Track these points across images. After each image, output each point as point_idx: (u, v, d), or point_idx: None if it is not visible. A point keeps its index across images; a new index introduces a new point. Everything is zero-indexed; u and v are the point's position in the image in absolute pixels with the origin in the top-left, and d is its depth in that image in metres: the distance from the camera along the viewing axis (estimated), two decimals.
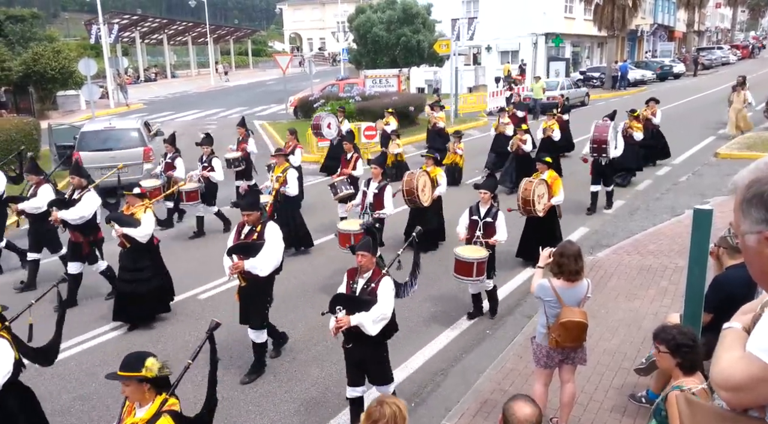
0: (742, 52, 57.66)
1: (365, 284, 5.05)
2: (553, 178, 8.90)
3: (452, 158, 14.42)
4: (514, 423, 2.98)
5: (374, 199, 8.80)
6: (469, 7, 37.16)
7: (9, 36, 33.97)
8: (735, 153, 15.69)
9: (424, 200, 9.50)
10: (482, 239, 7.30)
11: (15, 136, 17.38)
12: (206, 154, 11.58)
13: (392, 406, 3.12)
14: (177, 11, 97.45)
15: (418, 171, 9.73)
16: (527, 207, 8.55)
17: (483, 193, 7.38)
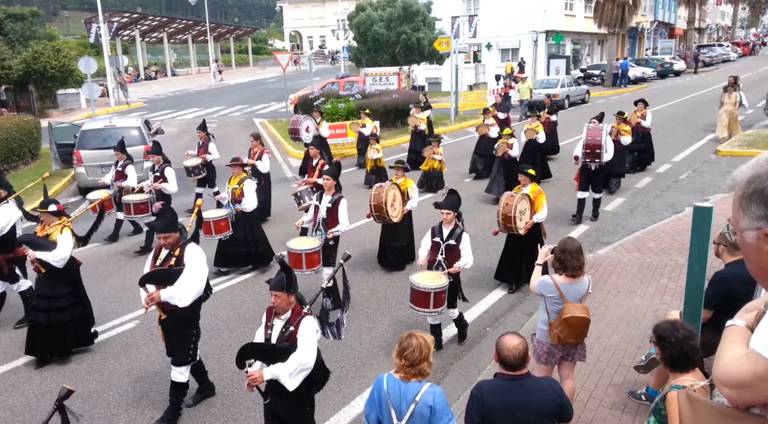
0: (742, 50, 57.64)
1: (283, 327, 4.33)
2: (536, 192, 8.08)
3: (430, 164, 13.67)
4: (504, 352, 3.60)
5: (327, 214, 7.73)
6: (469, 5, 37.10)
7: (9, 34, 34.03)
8: (735, 150, 15.68)
9: (393, 216, 8.74)
10: (444, 264, 6.51)
11: (15, 135, 17.40)
12: (158, 164, 10.54)
13: (419, 338, 3.64)
14: (177, 9, 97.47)
15: (386, 184, 8.88)
16: (508, 224, 7.80)
17: (445, 213, 6.57)
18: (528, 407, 3.54)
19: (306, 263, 7.24)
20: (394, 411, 3.59)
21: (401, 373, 3.65)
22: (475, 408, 3.57)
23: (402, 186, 9.08)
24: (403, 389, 3.61)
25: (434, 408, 3.52)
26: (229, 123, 26.32)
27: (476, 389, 3.67)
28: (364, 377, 6.30)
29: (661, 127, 19.99)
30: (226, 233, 8.91)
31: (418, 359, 3.56)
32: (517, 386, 3.59)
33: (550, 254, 5.19)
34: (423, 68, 34.53)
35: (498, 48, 38.41)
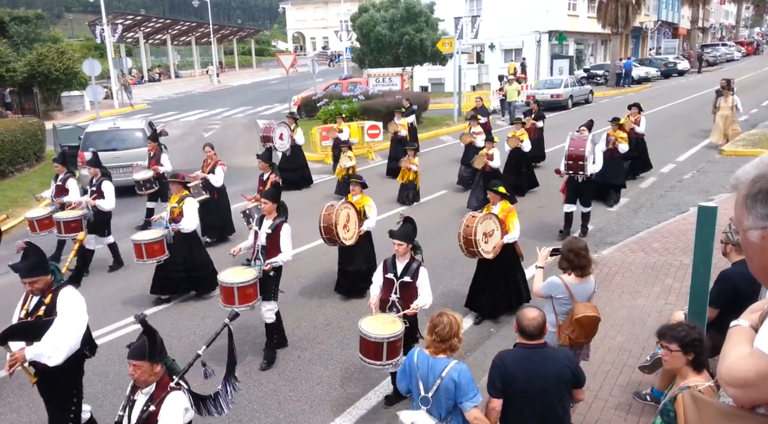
0: (746, 49, 57.49)
1: (144, 405, 3.64)
2: (506, 211, 7.31)
3: (406, 175, 12.78)
4: (524, 322, 3.91)
5: (267, 241, 6.73)
6: (472, 5, 37.08)
7: (13, 37, 34.15)
8: (740, 150, 15.63)
9: (346, 238, 7.87)
10: (398, 304, 5.57)
11: (20, 137, 17.46)
12: (95, 177, 9.60)
13: (450, 316, 3.91)
14: (180, 11, 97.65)
15: (339, 203, 7.98)
16: (470, 248, 6.95)
17: (397, 244, 5.56)
18: (546, 373, 3.86)
19: (239, 298, 6.32)
20: (422, 383, 3.89)
21: (431, 348, 3.92)
22: (498, 374, 3.86)
23: (358, 204, 8.14)
24: (431, 364, 3.88)
25: (459, 384, 3.77)
26: (232, 125, 26.36)
27: (498, 358, 3.96)
28: (369, 378, 6.30)
29: (665, 126, 19.97)
30: (160, 257, 8.07)
31: (448, 334, 3.83)
32: (536, 355, 3.91)
33: (550, 256, 5.19)
34: (426, 69, 34.54)
35: (501, 48, 38.39)
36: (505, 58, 38.14)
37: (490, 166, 11.51)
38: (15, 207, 13.85)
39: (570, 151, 9.74)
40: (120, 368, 6.73)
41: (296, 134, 14.41)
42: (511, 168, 12.72)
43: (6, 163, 16.68)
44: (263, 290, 6.59)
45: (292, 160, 14.42)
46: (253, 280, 6.42)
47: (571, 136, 9.95)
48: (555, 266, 6.85)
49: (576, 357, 4.17)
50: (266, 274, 6.61)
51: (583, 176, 9.83)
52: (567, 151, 9.78)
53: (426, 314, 7.09)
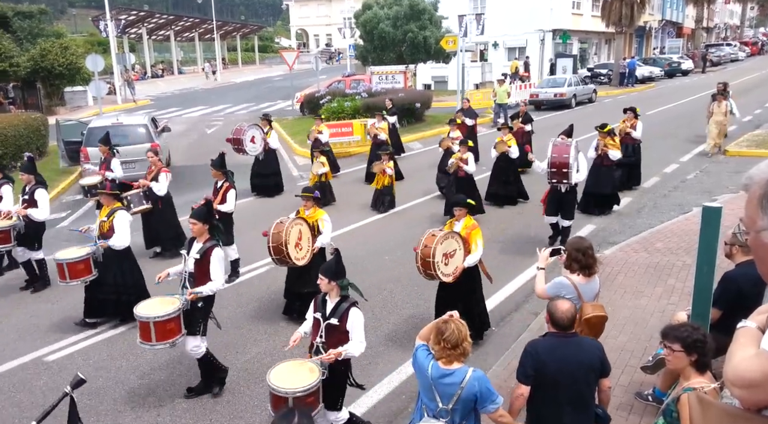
0: (751, 49, 57.24)
1: None
2: (469, 228, 6.58)
3: (381, 180, 12.04)
4: (558, 314, 3.97)
5: (195, 267, 5.83)
6: (476, 3, 36.99)
7: (17, 32, 34.15)
8: (744, 151, 15.60)
9: (298, 258, 7.08)
10: (322, 349, 4.74)
11: (23, 132, 17.49)
12: (29, 185, 8.90)
13: (456, 322, 3.80)
14: (183, 7, 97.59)
15: (289, 218, 7.20)
16: (428, 271, 6.23)
17: (320, 279, 4.76)
18: (577, 361, 3.95)
19: (157, 334, 5.52)
20: (440, 396, 3.76)
21: (444, 358, 3.74)
22: (530, 362, 3.93)
23: (311, 219, 7.43)
24: (448, 376, 3.73)
25: (479, 394, 3.70)
26: (235, 121, 26.32)
27: (530, 346, 4.04)
28: (370, 376, 6.29)
29: (669, 126, 19.93)
30: (86, 278, 7.33)
31: (459, 339, 3.72)
32: (569, 343, 4.00)
33: (550, 257, 5.18)
34: (429, 67, 34.49)
35: (505, 47, 38.32)
36: (508, 57, 38.08)
37: (464, 171, 10.86)
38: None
39: (553, 158, 8.93)
40: (120, 364, 6.74)
41: (270, 137, 13.42)
42: (497, 176, 12.16)
43: (9, 158, 16.69)
44: (188, 323, 5.77)
45: (265, 166, 13.60)
46: (175, 313, 5.56)
47: (554, 142, 9.18)
48: (554, 266, 6.85)
49: (603, 348, 4.20)
50: (193, 305, 5.76)
51: (567, 186, 9.15)
52: (550, 159, 8.97)
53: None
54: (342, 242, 9.99)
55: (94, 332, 7.54)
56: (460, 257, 6.46)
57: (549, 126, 21.26)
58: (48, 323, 7.89)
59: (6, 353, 7.12)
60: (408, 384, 6.13)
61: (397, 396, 5.98)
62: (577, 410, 4.00)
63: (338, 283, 4.78)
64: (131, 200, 9.39)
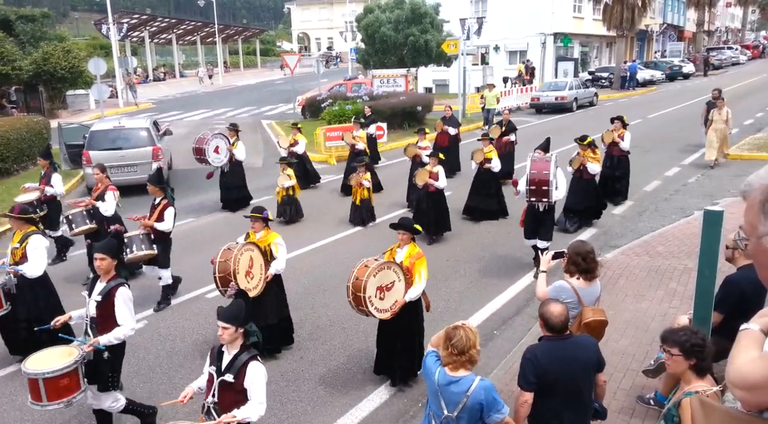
0: (752, 53, 57.29)
1: None
2: (413, 256, 5.81)
3: (358, 193, 11.33)
4: (552, 320, 3.98)
5: (98, 311, 5.00)
6: (477, 7, 37.08)
7: (20, 35, 34.24)
8: (745, 154, 15.59)
9: (251, 288, 6.32)
10: (214, 411, 4.06)
11: (25, 136, 17.52)
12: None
13: (465, 328, 3.74)
14: (185, 11, 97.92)
15: (238, 244, 6.44)
16: (360, 307, 5.55)
17: (222, 326, 4.05)
18: (577, 361, 3.99)
19: (48, 393, 4.66)
20: (445, 404, 3.73)
21: (450, 364, 3.73)
22: (531, 369, 3.92)
23: (263, 242, 6.63)
24: (454, 383, 3.71)
25: (485, 403, 3.67)
26: None
27: (529, 353, 4.02)
28: (371, 380, 6.30)
29: (670, 130, 19.93)
30: None
31: (466, 346, 3.68)
32: (566, 345, 4.04)
33: (552, 260, 5.18)
34: (431, 70, 34.56)
35: (506, 50, 38.38)
36: (510, 60, 38.14)
37: (434, 187, 10.14)
38: None
39: (532, 175, 8.25)
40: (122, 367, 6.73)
41: (236, 148, 12.62)
42: (478, 189, 11.51)
43: (11, 162, 16.74)
44: (96, 378, 5.03)
45: (231, 178, 12.85)
46: (69, 367, 4.69)
47: (532, 157, 8.45)
48: (557, 270, 6.85)
49: (597, 345, 4.26)
50: (98, 356, 4.92)
51: (546, 205, 8.48)
52: (529, 176, 8.28)
53: None
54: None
55: None
56: (400, 290, 5.68)
57: (550, 130, 21.28)
58: None
59: (8, 356, 7.13)
60: (409, 388, 6.13)
61: (399, 400, 5.98)
62: (577, 410, 4.04)
63: (247, 329, 4.12)
64: (73, 220, 8.80)
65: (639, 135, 19.73)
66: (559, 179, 8.58)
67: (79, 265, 9.62)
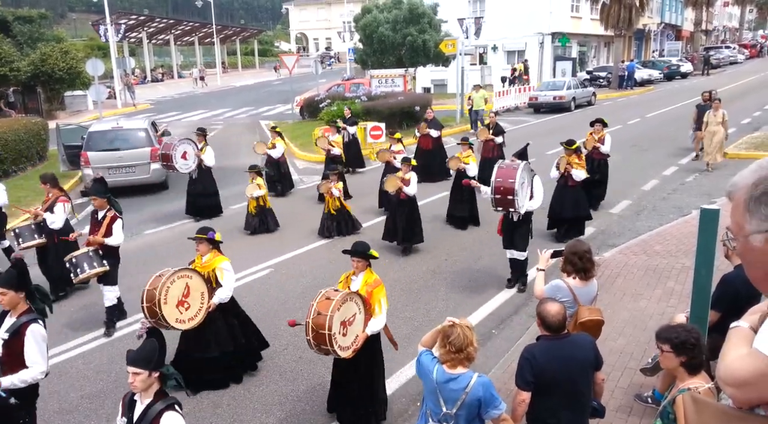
0: (750, 52, 57.39)
1: None
2: (371, 285, 5.18)
3: (329, 203, 10.66)
4: (549, 318, 4.00)
5: (5, 350, 4.42)
6: (475, 7, 37.12)
7: (17, 36, 34.24)
8: (743, 153, 15.61)
9: (182, 320, 5.74)
10: None
11: (23, 137, 17.53)
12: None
13: (462, 326, 3.74)
14: (183, 11, 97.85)
15: (171, 271, 5.67)
16: (323, 346, 4.89)
17: (132, 372, 3.56)
18: (574, 360, 4.00)
19: None
20: (444, 401, 3.75)
21: (448, 361, 3.74)
22: (529, 368, 3.93)
23: (206, 267, 5.99)
24: (452, 380, 3.72)
25: (483, 399, 3.70)
26: (234, 125, 26.42)
27: (527, 352, 4.03)
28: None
29: (668, 129, 19.96)
30: None
31: (463, 343, 3.69)
32: (564, 344, 4.05)
33: (551, 258, 5.19)
34: (429, 70, 34.58)
35: (504, 50, 38.41)
36: (507, 60, 38.18)
37: (405, 194, 9.59)
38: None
39: (497, 183, 7.69)
40: (121, 367, 6.69)
41: (205, 153, 12.05)
42: (457, 194, 10.99)
43: (9, 163, 16.75)
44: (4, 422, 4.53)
45: (201, 185, 12.25)
46: None
47: (499, 165, 7.96)
48: (556, 268, 6.86)
49: (594, 342, 4.27)
50: (4, 401, 4.35)
51: (518, 215, 7.99)
52: (493, 183, 7.73)
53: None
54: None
55: (94, 337, 7.56)
56: (360, 323, 5.09)
57: (549, 129, 21.32)
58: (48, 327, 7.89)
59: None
60: (408, 387, 6.15)
61: (398, 399, 5.99)
62: (575, 408, 4.05)
63: (163, 371, 3.64)
64: (20, 234, 8.33)
65: (637, 134, 19.81)
66: (535, 188, 8.10)
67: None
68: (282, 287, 8.89)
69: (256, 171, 11.21)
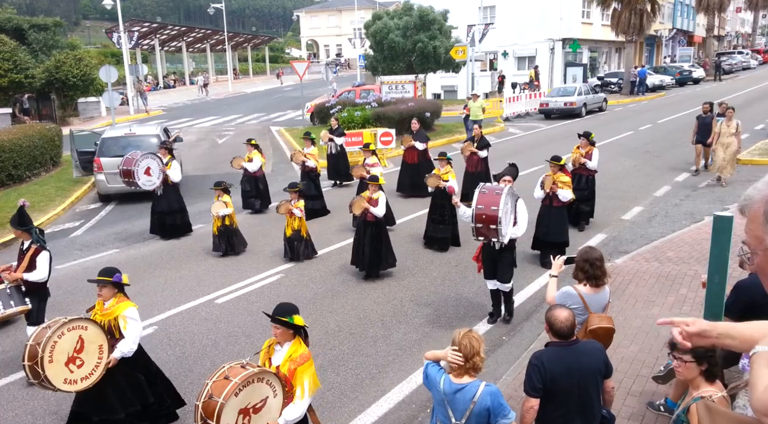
0: (763, 57, 56.98)
1: None
2: (296, 360, 4.06)
3: (289, 223, 9.78)
4: (558, 324, 3.98)
5: None
6: (485, 13, 37.15)
7: (32, 44, 34.66)
8: (756, 159, 15.48)
9: (72, 381, 4.79)
10: None
11: (38, 143, 17.72)
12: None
13: (470, 337, 3.75)
14: (195, 19, 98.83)
15: (59, 322, 4.70)
16: None
17: None
18: (583, 367, 3.98)
19: None
20: (452, 411, 3.73)
21: (455, 371, 3.75)
22: (537, 375, 3.92)
23: (109, 315, 5.16)
24: (459, 390, 3.71)
25: (492, 409, 3.68)
26: (245, 131, 26.55)
27: (535, 359, 4.01)
28: (379, 385, 6.29)
29: (680, 135, 19.82)
30: None
31: (470, 353, 3.69)
32: (571, 351, 4.03)
33: (564, 265, 5.17)
34: (439, 76, 34.63)
35: (514, 56, 38.40)
36: (518, 66, 38.16)
37: (372, 214, 8.81)
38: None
39: (479, 210, 6.73)
40: None
41: (170, 169, 11.26)
42: (431, 215, 10.36)
43: (23, 168, 16.93)
44: None
45: (167, 202, 11.46)
46: None
47: (481, 189, 6.92)
48: (568, 275, 6.83)
49: (604, 350, 4.23)
50: None
51: (500, 243, 7.07)
52: (474, 211, 6.77)
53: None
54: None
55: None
56: (274, 410, 3.96)
57: (559, 134, 21.26)
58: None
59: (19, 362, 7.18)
60: (417, 393, 6.13)
61: (407, 405, 5.97)
62: (585, 416, 4.03)
63: None
64: None
65: (649, 140, 19.72)
66: (519, 214, 7.22)
67: None
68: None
69: (222, 188, 10.31)
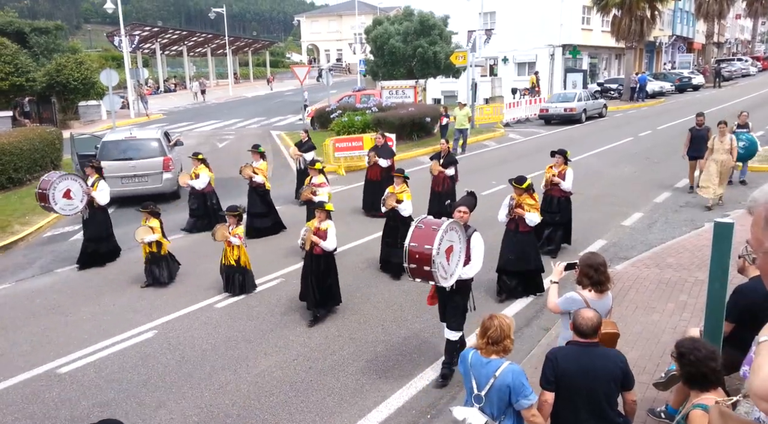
0: (762, 64, 57.08)
1: None
2: None
3: (227, 252, 8.65)
4: (579, 320, 4.02)
5: None
6: (486, 19, 37.25)
7: (33, 47, 34.75)
8: (757, 166, 15.49)
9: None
10: None
11: (38, 146, 17.73)
12: None
13: (500, 319, 4.00)
14: (196, 23, 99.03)
15: None
16: None
17: None
18: (597, 369, 4.00)
19: None
20: (476, 382, 4.03)
21: (484, 350, 4.03)
22: (550, 369, 4.02)
23: None
24: (484, 364, 4.00)
25: (512, 386, 3.88)
26: (246, 135, 26.57)
27: (551, 354, 4.12)
28: (380, 391, 6.28)
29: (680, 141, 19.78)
30: None
31: (500, 337, 3.96)
32: (589, 352, 4.05)
33: (565, 270, 5.17)
34: (439, 81, 34.71)
35: (515, 62, 38.50)
36: (518, 72, 38.25)
37: (321, 248, 7.70)
38: (32, 215, 14.05)
39: (411, 248, 5.54)
40: (131, 377, 6.76)
41: (96, 190, 10.11)
42: (385, 238, 9.52)
43: (24, 172, 16.94)
44: None
45: (94, 227, 10.40)
46: None
47: (417, 223, 5.71)
48: (568, 281, 6.83)
49: (626, 361, 4.20)
50: None
51: (447, 287, 5.95)
52: (407, 248, 5.55)
53: None
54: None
55: (106, 345, 7.59)
56: None
57: (559, 140, 21.27)
58: (61, 336, 7.96)
59: (19, 364, 7.18)
60: (418, 399, 6.12)
61: (408, 411, 5.96)
62: (595, 418, 4.04)
63: None
64: None
65: (649, 146, 19.73)
66: (473, 249, 6.12)
67: None
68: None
69: (149, 211, 9.21)
